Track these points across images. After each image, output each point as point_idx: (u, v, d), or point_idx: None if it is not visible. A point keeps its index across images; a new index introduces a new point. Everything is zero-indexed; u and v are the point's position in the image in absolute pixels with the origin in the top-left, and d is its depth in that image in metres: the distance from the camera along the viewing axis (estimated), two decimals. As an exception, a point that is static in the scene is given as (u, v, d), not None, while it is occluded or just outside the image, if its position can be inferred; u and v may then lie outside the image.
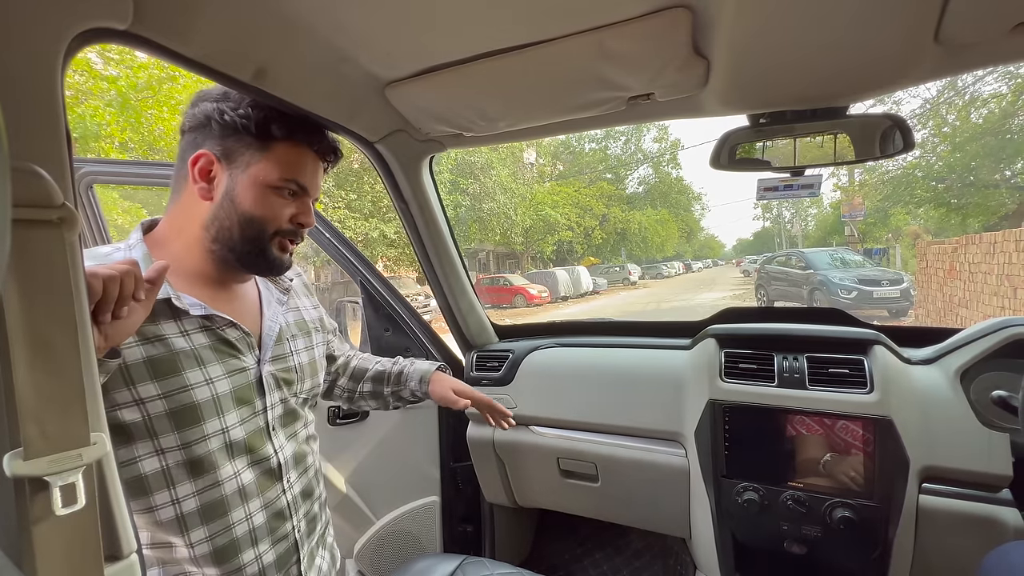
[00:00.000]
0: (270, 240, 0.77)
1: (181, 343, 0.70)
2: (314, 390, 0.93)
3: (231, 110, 0.73)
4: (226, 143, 0.74)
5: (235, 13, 0.62)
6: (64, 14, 0.48)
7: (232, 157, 0.74)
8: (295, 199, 0.78)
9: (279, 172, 0.75)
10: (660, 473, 1.26)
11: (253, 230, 0.75)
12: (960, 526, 0.97)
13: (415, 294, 12.05)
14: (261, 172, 0.74)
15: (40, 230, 0.42)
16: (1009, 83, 10.71)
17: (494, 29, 0.72)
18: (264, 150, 0.74)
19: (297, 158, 0.77)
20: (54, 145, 0.46)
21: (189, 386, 0.69)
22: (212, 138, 0.74)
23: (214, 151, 0.73)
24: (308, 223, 0.81)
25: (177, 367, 0.69)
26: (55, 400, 0.43)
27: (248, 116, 0.73)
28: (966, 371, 1.04)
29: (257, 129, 0.74)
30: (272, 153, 0.75)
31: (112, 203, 6.21)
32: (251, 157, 0.74)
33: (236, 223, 0.74)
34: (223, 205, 0.74)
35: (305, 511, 0.86)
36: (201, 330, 0.73)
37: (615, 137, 27.99)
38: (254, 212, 0.74)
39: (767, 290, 11.81)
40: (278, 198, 0.76)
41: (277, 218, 0.76)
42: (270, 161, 0.74)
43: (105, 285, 0.52)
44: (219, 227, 0.74)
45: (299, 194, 0.79)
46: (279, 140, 0.75)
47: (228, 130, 0.73)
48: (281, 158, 0.75)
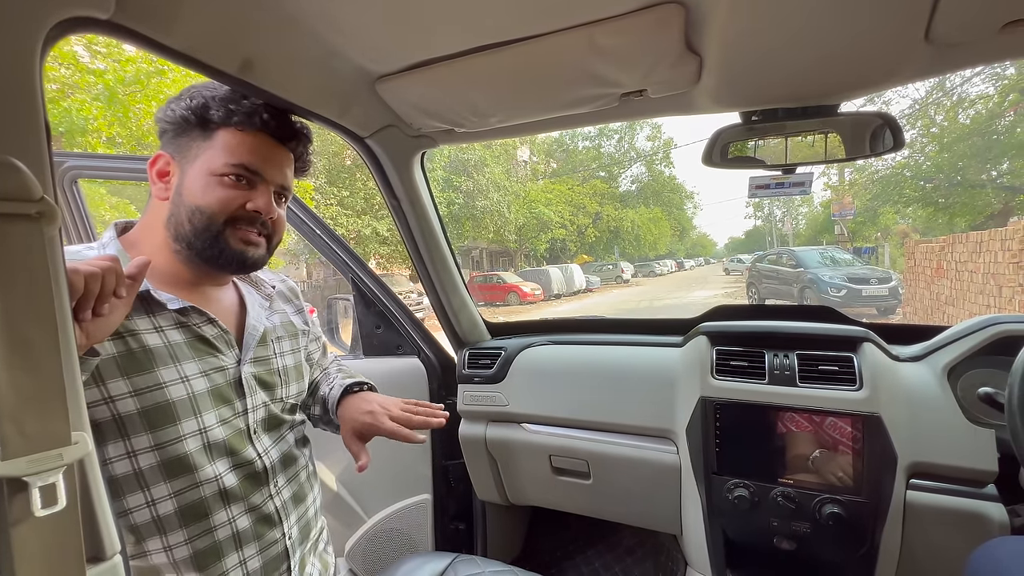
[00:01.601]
0: (223, 231, 0.73)
1: (154, 339, 0.69)
2: (300, 395, 0.91)
3: (178, 106, 0.73)
4: (178, 140, 0.74)
5: (221, 3, 0.61)
6: (43, 2, 0.47)
7: (183, 152, 0.74)
8: (248, 186, 0.75)
9: (223, 158, 0.72)
10: (651, 470, 1.27)
11: (202, 220, 0.72)
12: (947, 522, 0.98)
13: (408, 291, 12.01)
14: (206, 161, 0.72)
15: (18, 224, 0.41)
16: (996, 84, 10.87)
17: (485, 23, 0.71)
18: (208, 138, 0.73)
19: (243, 141, 0.74)
20: (32, 138, 0.45)
21: (163, 384, 0.68)
22: (167, 139, 0.75)
23: (169, 150, 0.74)
24: (262, 209, 0.75)
25: (150, 364, 0.67)
26: (34, 398, 0.42)
27: (190, 107, 0.72)
28: (953, 368, 1.05)
29: (197, 117, 0.72)
30: (215, 140, 0.73)
31: (100, 199, 6.11)
32: (198, 148, 0.73)
33: (185, 216, 0.72)
34: (175, 201, 0.73)
35: (297, 517, 0.84)
36: (176, 326, 0.72)
37: (608, 135, 28.03)
38: (199, 202, 0.72)
39: (758, 288, 11.90)
40: (225, 186, 0.73)
41: (225, 206, 0.73)
42: (214, 148, 0.73)
43: (86, 281, 0.51)
44: (175, 224, 0.73)
45: (252, 180, 0.75)
46: (221, 126, 0.73)
47: (178, 127, 0.73)
48: (226, 143, 0.73)
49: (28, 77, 0.45)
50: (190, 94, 0.74)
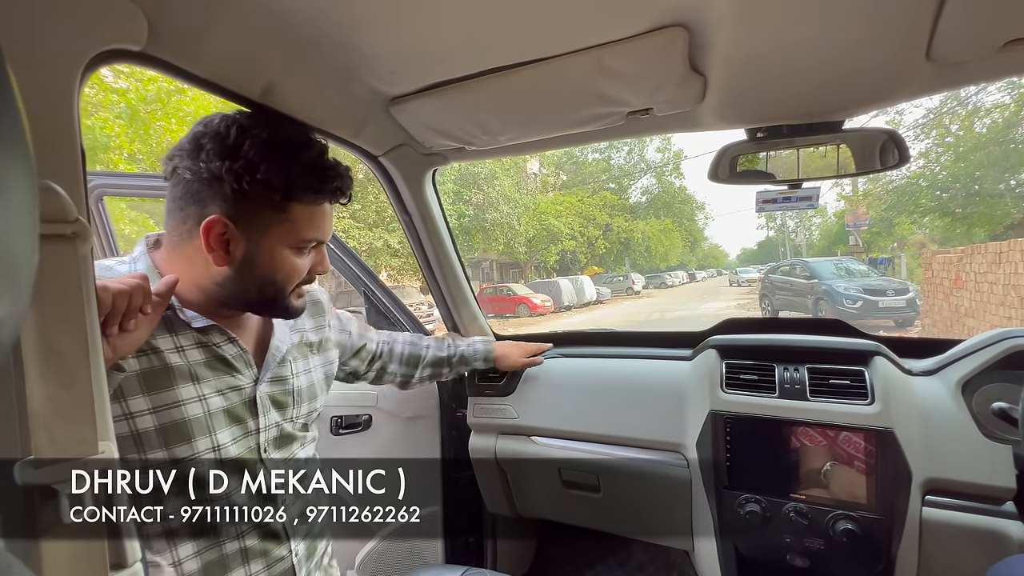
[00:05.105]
0: (288, 295, 0.76)
1: (176, 358, 0.69)
2: (312, 415, 0.91)
3: (248, 173, 0.65)
4: (240, 206, 0.67)
5: (245, 34, 0.64)
6: (82, 37, 0.50)
7: (249, 222, 0.69)
8: (313, 251, 0.77)
9: (300, 233, 0.72)
10: (662, 484, 1.26)
11: (273, 290, 0.73)
12: (964, 539, 0.96)
13: (418, 303, 12.05)
14: (281, 235, 0.71)
15: (55, 244, 0.44)
16: (1012, 93, 10.73)
17: (496, 47, 0.74)
18: (284, 211, 0.70)
19: (317, 213, 0.73)
20: (70, 162, 0.48)
21: (181, 402, 0.69)
22: (222, 199, 0.67)
23: (227, 214, 0.67)
24: (325, 271, 0.79)
25: (170, 382, 0.68)
26: (65, 409, 0.44)
27: (270, 184, 0.67)
28: (967, 382, 1.03)
29: (281, 196, 0.69)
30: (291, 214, 0.71)
31: (120, 213, 6.27)
32: (269, 219, 0.70)
33: (255, 286, 0.72)
34: (240, 270, 0.70)
35: (304, 534, 0.84)
36: (197, 346, 0.72)
37: (618, 148, 28.10)
38: (276, 276, 0.72)
39: (771, 300, 11.75)
40: (298, 257, 0.74)
41: (298, 276, 0.75)
42: (290, 223, 0.71)
43: (114, 298, 0.53)
44: (235, 289, 0.72)
45: (317, 246, 0.77)
46: (299, 201, 0.71)
47: (243, 194, 0.67)
48: (301, 218, 0.71)
49: (67, 107, 0.49)
50: (259, 160, 0.66)
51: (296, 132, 0.73)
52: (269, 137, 0.68)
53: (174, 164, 0.68)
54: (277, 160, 0.67)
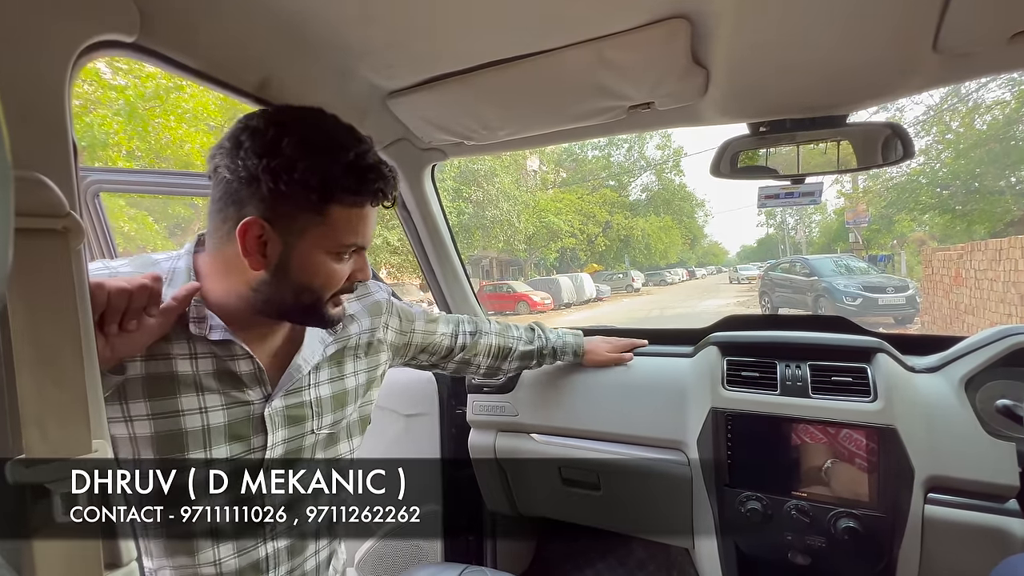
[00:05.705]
0: (326, 303, 0.71)
1: (184, 366, 0.67)
2: (336, 424, 0.84)
3: (285, 172, 0.61)
4: (277, 207, 0.63)
5: (239, 26, 0.63)
6: (73, 27, 0.49)
7: (286, 224, 0.65)
8: (353, 256, 0.72)
9: (340, 238, 0.67)
10: (662, 482, 1.25)
11: (311, 297, 0.69)
12: (967, 537, 0.96)
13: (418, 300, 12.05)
14: (319, 239, 0.66)
15: (45, 239, 0.43)
16: (1012, 90, 10.71)
17: (495, 40, 0.73)
18: (322, 213, 0.65)
19: (356, 217, 0.68)
20: (60, 155, 0.47)
21: (181, 412, 0.66)
22: (259, 199, 0.63)
23: (264, 216, 0.63)
24: (366, 278, 0.75)
25: (173, 390, 0.66)
26: (57, 406, 0.43)
27: (307, 183, 0.62)
28: (971, 379, 1.03)
29: (318, 197, 0.64)
30: (330, 216, 0.66)
31: (119, 210, 6.27)
32: (306, 222, 0.65)
33: (291, 292, 0.68)
34: (276, 274, 0.67)
35: (289, 569, 0.79)
36: (210, 356, 0.69)
37: (618, 144, 28.05)
38: (313, 282, 0.68)
39: (771, 297, 11.75)
40: (337, 263, 0.69)
41: (337, 282, 0.70)
42: (328, 226, 0.66)
43: (111, 297, 0.52)
44: (270, 294, 0.68)
45: (357, 252, 0.72)
46: (338, 203, 0.66)
47: (279, 195, 0.63)
48: (340, 221, 0.66)
49: (57, 98, 0.47)
50: (305, 163, 0.62)
51: (339, 129, 0.68)
52: (309, 134, 0.64)
53: (215, 163, 0.64)
54: (315, 158, 0.62)
